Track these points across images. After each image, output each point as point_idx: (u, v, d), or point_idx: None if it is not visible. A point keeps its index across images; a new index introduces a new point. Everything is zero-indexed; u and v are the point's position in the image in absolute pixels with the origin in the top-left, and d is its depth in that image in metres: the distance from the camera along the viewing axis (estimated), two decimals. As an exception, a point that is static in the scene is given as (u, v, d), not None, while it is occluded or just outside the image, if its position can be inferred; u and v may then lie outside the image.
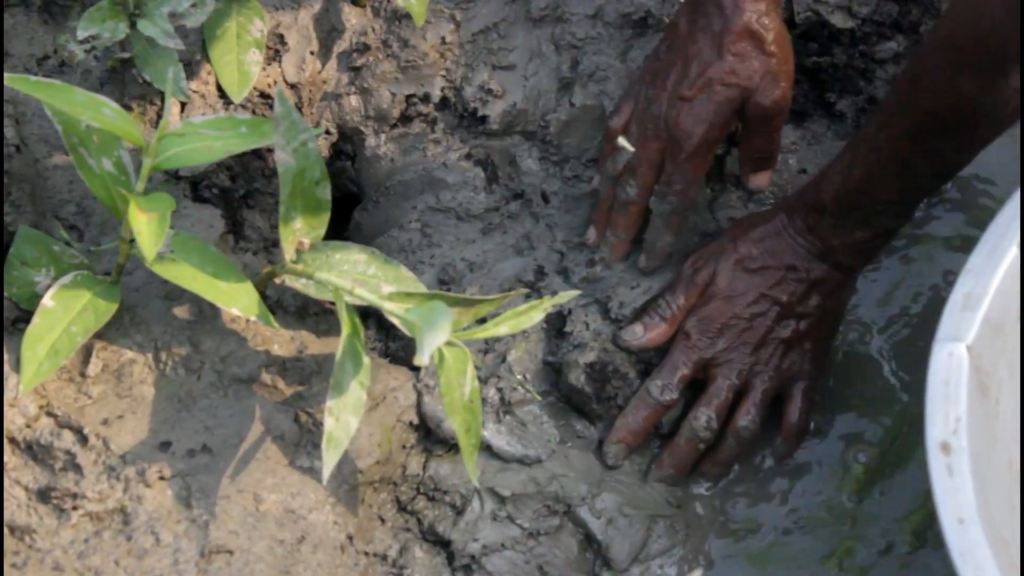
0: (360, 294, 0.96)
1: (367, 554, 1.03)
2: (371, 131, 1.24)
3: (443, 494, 1.08)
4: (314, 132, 0.97)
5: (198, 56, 1.16)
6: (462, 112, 1.23)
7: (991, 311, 0.92)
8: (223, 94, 1.16)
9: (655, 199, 1.12)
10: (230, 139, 0.96)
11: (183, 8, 1.08)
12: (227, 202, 1.18)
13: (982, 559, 0.84)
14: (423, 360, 0.84)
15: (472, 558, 1.06)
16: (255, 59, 1.16)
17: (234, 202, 1.19)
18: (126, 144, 0.97)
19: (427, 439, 1.10)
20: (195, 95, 1.15)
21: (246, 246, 1.18)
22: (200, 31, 1.15)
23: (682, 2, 1.13)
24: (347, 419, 0.93)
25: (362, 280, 1.03)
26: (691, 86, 1.07)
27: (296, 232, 1.00)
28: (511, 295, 1.04)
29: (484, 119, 1.22)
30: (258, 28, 1.17)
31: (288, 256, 1.01)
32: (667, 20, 1.21)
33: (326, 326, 1.11)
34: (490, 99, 1.22)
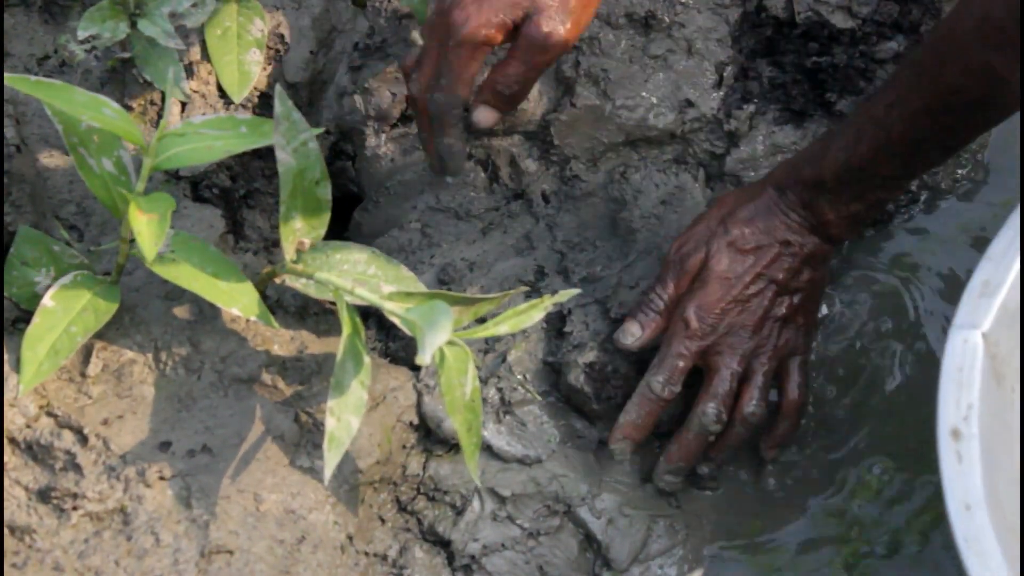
0: (360, 294, 0.96)
1: (367, 554, 1.03)
2: (371, 131, 1.24)
3: (443, 494, 1.08)
4: (314, 132, 0.97)
5: (198, 56, 1.16)
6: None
7: (1009, 299, 0.92)
8: (223, 94, 1.16)
9: (428, 97, 1.08)
10: (230, 139, 0.96)
11: (183, 8, 1.08)
12: (227, 202, 1.18)
13: (987, 545, 0.83)
14: (425, 359, 0.84)
15: (472, 558, 1.05)
16: (255, 59, 1.16)
17: (234, 202, 1.19)
18: (126, 144, 0.97)
19: (427, 439, 1.10)
20: (195, 95, 1.15)
21: (246, 246, 1.18)
22: (200, 31, 1.15)
23: None
24: (348, 419, 0.93)
25: (362, 280, 1.03)
26: None
27: (296, 232, 1.00)
28: (511, 294, 1.04)
29: (484, 119, 1.22)
30: (258, 28, 1.17)
31: (288, 256, 1.01)
32: (668, 20, 1.21)
33: (326, 326, 1.11)
34: (490, 99, 1.22)
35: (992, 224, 1.19)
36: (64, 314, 0.97)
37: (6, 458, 0.96)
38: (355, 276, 1.03)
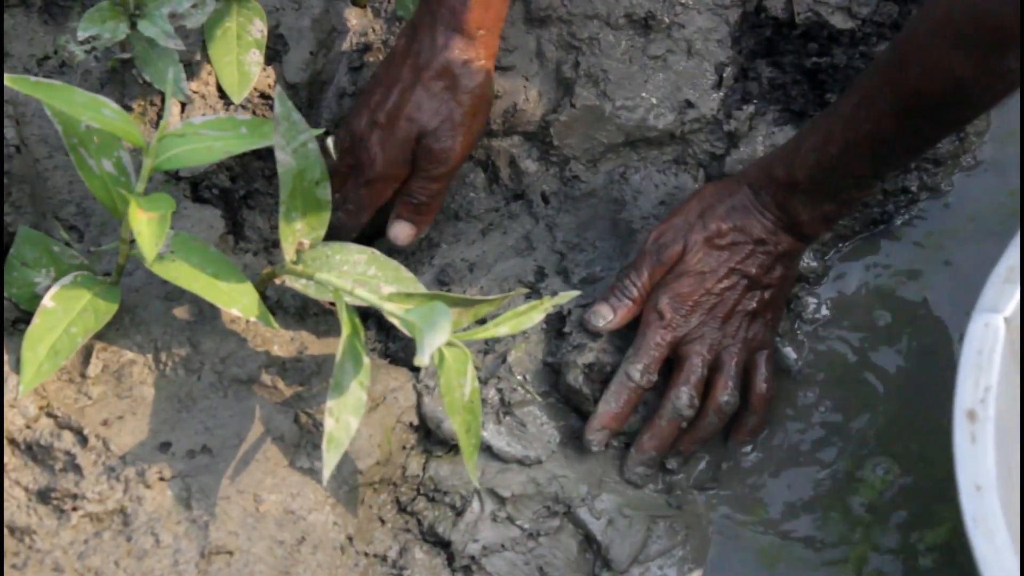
0: (360, 294, 0.96)
1: (367, 555, 1.03)
2: (371, 132, 1.24)
3: (443, 495, 1.08)
4: (314, 132, 0.97)
5: (198, 56, 1.16)
6: (462, 113, 1.23)
7: None
8: (223, 94, 1.16)
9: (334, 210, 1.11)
10: (230, 140, 0.96)
11: (183, 8, 1.08)
12: (227, 202, 1.18)
13: (995, 526, 0.84)
14: (423, 360, 0.84)
15: (472, 559, 1.06)
16: (255, 59, 1.16)
17: (234, 202, 1.19)
18: (126, 144, 0.97)
19: (427, 440, 1.10)
20: (195, 95, 1.15)
21: (246, 246, 1.17)
22: (200, 31, 1.15)
23: (406, 22, 1.15)
24: (347, 419, 0.93)
25: (362, 280, 1.03)
26: (385, 114, 1.10)
27: (296, 232, 1.00)
28: (511, 295, 1.04)
29: (484, 119, 1.22)
30: (258, 28, 1.17)
31: (288, 256, 1.01)
32: (668, 21, 1.21)
33: (326, 326, 1.11)
34: (490, 99, 1.22)
35: (995, 217, 1.19)
36: (64, 315, 0.97)
37: (6, 459, 0.96)
38: (355, 277, 1.03)
